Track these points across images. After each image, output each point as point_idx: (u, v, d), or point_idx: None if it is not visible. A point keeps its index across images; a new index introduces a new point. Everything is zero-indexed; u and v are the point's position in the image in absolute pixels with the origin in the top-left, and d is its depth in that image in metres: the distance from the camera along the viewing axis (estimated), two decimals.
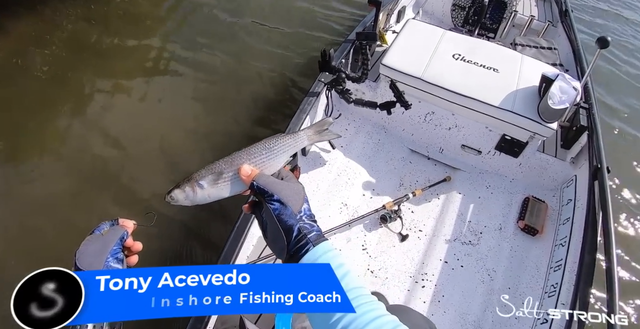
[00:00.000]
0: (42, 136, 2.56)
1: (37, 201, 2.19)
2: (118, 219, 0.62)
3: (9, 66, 3.00)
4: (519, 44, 2.61)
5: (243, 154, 0.58)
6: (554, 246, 1.83)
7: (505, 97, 1.87)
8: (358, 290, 0.50)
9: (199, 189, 0.57)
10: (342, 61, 2.03)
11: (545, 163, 2.01)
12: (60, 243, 1.97)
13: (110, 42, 3.32)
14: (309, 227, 0.54)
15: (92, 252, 0.55)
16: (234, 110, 2.80)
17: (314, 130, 0.65)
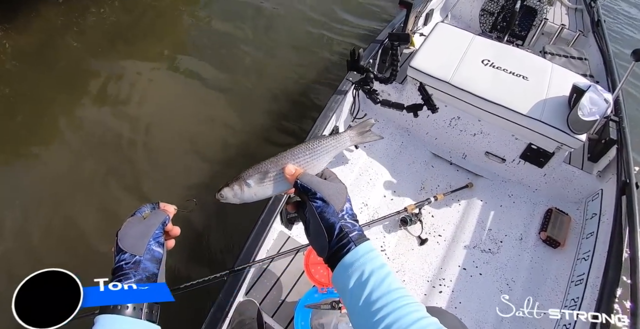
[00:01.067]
0: (67, 119, 2.68)
1: (62, 180, 2.30)
2: (159, 202, 0.65)
3: (41, 50, 3.14)
4: (549, 53, 2.62)
5: (288, 154, 0.62)
6: (576, 260, 1.84)
7: (534, 106, 1.89)
8: (401, 291, 0.51)
9: (247, 187, 0.61)
10: (369, 61, 2.07)
11: (570, 175, 2.02)
12: (82, 224, 2.06)
13: (141, 31, 3.44)
14: (350, 226, 0.56)
15: (135, 234, 0.57)
16: (259, 102, 2.88)
17: (356, 131, 0.67)
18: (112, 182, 2.32)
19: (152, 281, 0.56)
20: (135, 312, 0.52)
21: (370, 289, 0.50)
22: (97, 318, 0.51)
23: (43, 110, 2.73)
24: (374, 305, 0.50)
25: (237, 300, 1.36)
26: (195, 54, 3.25)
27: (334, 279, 0.56)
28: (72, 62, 3.08)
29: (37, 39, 3.22)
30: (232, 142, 2.56)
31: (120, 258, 0.55)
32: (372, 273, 0.51)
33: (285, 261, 1.55)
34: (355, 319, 0.52)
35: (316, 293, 1.37)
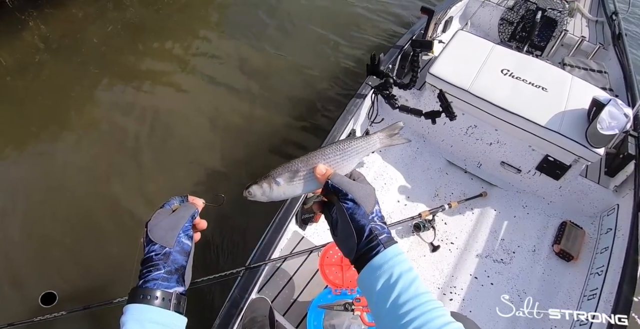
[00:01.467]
0: (83, 110, 2.77)
1: (76, 169, 2.39)
2: (187, 196, 0.66)
3: (66, 41, 3.25)
4: (568, 65, 2.63)
5: (318, 154, 0.62)
6: (589, 274, 1.84)
7: (552, 117, 1.90)
8: (428, 295, 0.51)
9: (276, 185, 0.61)
10: (389, 66, 2.10)
11: (586, 189, 2.02)
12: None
13: (160, 26, 3.54)
14: (380, 228, 0.56)
15: (165, 226, 0.59)
16: (278, 102, 2.93)
17: (385, 134, 0.67)
18: (126, 173, 2.39)
19: (180, 273, 0.58)
20: (164, 303, 0.54)
21: (398, 292, 0.51)
22: (127, 307, 0.53)
23: (60, 100, 2.81)
24: (401, 308, 0.50)
25: (250, 297, 1.38)
26: (213, 50, 3.33)
27: (360, 280, 0.56)
28: (92, 54, 3.17)
29: (61, 29, 3.34)
30: (249, 140, 2.63)
31: (150, 249, 0.57)
32: (400, 276, 0.52)
33: (299, 261, 1.57)
34: (381, 321, 0.53)
35: (330, 293, 1.39)
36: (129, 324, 0.51)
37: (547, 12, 2.82)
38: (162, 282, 0.56)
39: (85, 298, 1.36)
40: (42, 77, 2.98)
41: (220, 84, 3.02)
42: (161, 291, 0.55)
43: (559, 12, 2.85)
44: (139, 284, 0.56)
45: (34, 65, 3.05)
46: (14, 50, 3.15)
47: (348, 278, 1.41)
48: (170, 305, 0.55)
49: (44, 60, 3.10)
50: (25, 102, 2.79)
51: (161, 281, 0.56)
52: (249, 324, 1.38)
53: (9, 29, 3.26)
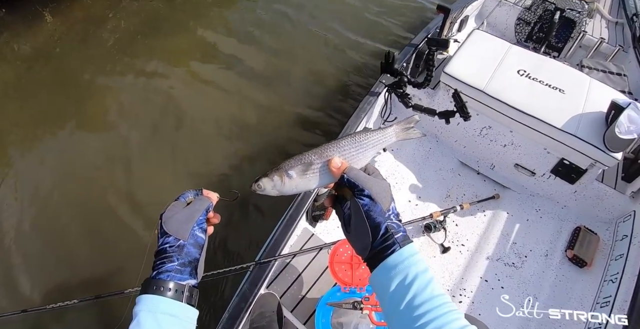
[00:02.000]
0: (101, 99, 2.85)
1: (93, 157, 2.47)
2: (202, 189, 0.66)
3: (82, 34, 3.33)
4: (586, 66, 2.60)
5: (333, 146, 0.59)
6: (602, 281, 1.82)
7: (569, 120, 1.88)
8: (444, 297, 0.51)
9: (288, 178, 0.58)
10: (403, 65, 2.10)
11: (602, 194, 2.00)
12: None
13: (178, 19, 3.60)
14: (396, 226, 0.54)
15: (180, 218, 0.60)
16: (290, 94, 2.98)
17: (401, 127, 0.65)
18: (137, 164, 2.45)
19: (193, 265, 0.58)
20: (176, 294, 0.55)
21: (414, 293, 0.50)
22: (140, 297, 0.54)
23: (73, 89, 2.89)
24: (416, 310, 0.49)
25: (259, 292, 1.40)
26: (229, 44, 3.38)
27: (372, 279, 0.55)
28: (106, 46, 3.25)
29: (76, 21, 3.42)
30: (262, 136, 2.67)
31: (164, 241, 0.58)
32: (416, 277, 0.51)
33: (308, 258, 1.59)
34: (394, 321, 0.52)
35: (339, 291, 1.40)
36: (141, 314, 0.52)
37: (565, 13, 2.79)
38: (175, 274, 0.56)
39: (97, 288, 1.40)
40: (56, 66, 3.06)
41: (236, 78, 3.07)
42: (174, 283, 0.55)
43: (577, 12, 2.82)
44: (152, 276, 0.56)
45: (49, 55, 3.14)
46: (30, 39, 3.25)
47: (357, 276, 1.41)
48: (183, 297, 0.55)
49: (58, 50, 3.18)
50: (40, 90, 2.88)
51: (174, 273, 0.56)
52: (257, 319, 1.40)
53: (25, 19, 3.35)
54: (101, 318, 1.68)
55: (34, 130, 2.61)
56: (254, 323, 1.39)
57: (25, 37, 3.24)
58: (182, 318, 0.55)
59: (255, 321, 1.39)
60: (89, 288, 1.75)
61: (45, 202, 2.21)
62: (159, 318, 0.53)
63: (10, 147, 2.52)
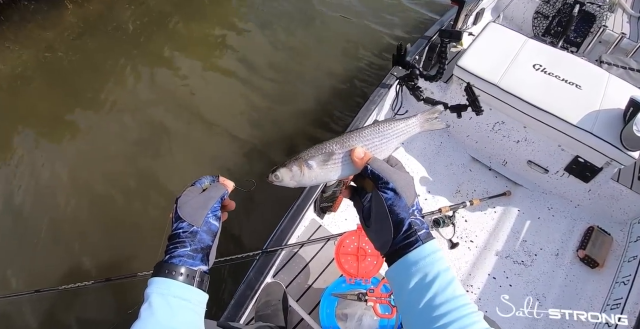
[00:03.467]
0: (120, 87, 2.98)
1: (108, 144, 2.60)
2: (219, 176, 0.68)
3: (102, 21, 3.49)
4: (606, 62, 2.58)
5: (355, 135, 0.58)
6: (614, 283, 1.83)
7: (585, 116, 1.88)
8: (464, 298, 0.50)
9: (307, 169, 0.57)
10: (415, 57, 2.12)
11: (617, 193, 2.00)
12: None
13: (199, 9, 3.71)
14: (419, 223, 0.53)
15: (194, 204, 0.61)
16: (303, 90, 3.04)
17: (425, 117, 0.64)
18: (154, 150, 2.57)
19: (205, 252, 0.60)
20: (187, 279, 0.57)
21: (434, 292, 0.50)
22: (151, 280, 0.57)
23: (94, 77, 3.04)
24: (436, 310, 0.49)
25: (265, 281, 1.44)
26: (245, 36, 3.46)
27: (390, 273, 0.55)
28: (126, 36, 3.38)
29: (98, 11, 3.57)
30: (276, 126, 2.74)
31: (178, 226, 0.60)
32: (437, 275, 0.50)
33: (315, 249, 1.63)
34: (411, 320, 0.52)
35: (344, 282, 1.44)
36: (153, 296, 0.54)
37: (585, 6, 2.77)
38: (187, 259, 0.58)
39: (110, 271, 1.46)
40: (76, 53, 3.22)
41: (251, 68, 3.15)
42: (186, 268, 0.57)
43: (598, 6, 2.79)
44: (164, 259, 0.58)
45: (70, 42, 3.30)
46: (52, 26, 3.41)
47: (363, 268, 1.45)
48: (194, 282, 0.57)
49: (79, 37, 3.35)
50: (62, 77, 3.04)
51: (186, 258, 0.58)
52: (263, 307, 1.45)
53: (49, 7, 3.52)
54: (114, 300, 1.75)
55: (55, 116, 2.76)
56: (259, 311, 1.44)
57: (48, 24, 3.42)
58: (193, 301, 0.57)
59: (261, 309, 1.44)
60: (102, 271, 1.82)
61: (61, 185, 2.34)
62: (170, 301, 0.54)
63: (30, 131, 2.67)
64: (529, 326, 1.67)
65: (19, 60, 3.14)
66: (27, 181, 2.35)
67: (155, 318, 0.53)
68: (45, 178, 2.37)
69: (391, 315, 1.34)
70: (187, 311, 0.56)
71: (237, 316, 1.30)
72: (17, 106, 2.84)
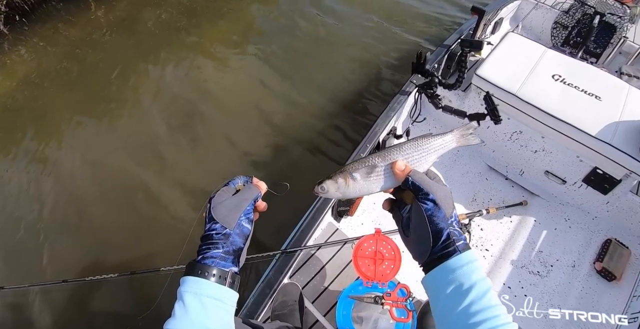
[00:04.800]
0: (141, 87, 3.16)
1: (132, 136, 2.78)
2: (252, 177, 0.71)
3: (125, 22, 3.71)
4: (626, 74, 2.61)
5: (395, 150, 0.62)
6: (631, 297, 1.83)
7: (604, 128, 1.90)
8: (500, 308, 0.52)
9: (352, 181, 0.61)
10: (434, 65, 2.17)
11: (636, 206, 2.01)
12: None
13: (218, 12, 3.91)
14: (457, 234, 0.56)
15: (228, 205, 0.64)
16: (324, 88, 3.15)
17: (460, 133, 0.69)
18: (171, 150, 2.68)
19: (237, 254, 0.63)
20: (220, 280, 0.60)
21: (471, 300, 0.52)
22: (184, 279, 0.60)
23: (115, 76, 3.21)
24: (472, 317, 0.51)
25: (283, 281, 1.50)
26: (264, 40, 3.60)
27: (427, 280, 0.57)
28: (147, 36, 3.57)
29: (121, 11, 3.79)
30: (292, 130, 2.84)
31: (211, 227, 0.62)
32: (474, 284, 0.52)
33: (331, 251, 1.67)
34: (447, 324, 0.54)
35: (361, 285, 1.48)
36: (186, 296, 0.57)
37: (605, 17, 2.80)
38: (219, 260, 0.60)
39: (134, 266, 1.53)
40: (99, 52, 3.43)
41: (270, 71, 3.28)
42: (218, 269, 0.60)
43: (618, 17, 2.82)
44: (197, 259, 0.61)
45: (93, 41, 3.52)
46: (77, 26, 3.66)
47: (380, 271, 1.49)
48: (226, 283, 0.60)
49: (102, 37, 3.56)
50: (85, 74, 3.25)
51: (219, 260, 0.60)
52: (280, 307, 1.50)
53: (75, 8, 3.78)
54: (136, 294, 1.83)
55: (77, 111, 2.94)
56: (275, 311, 1.49)
57: (73, 24, 3.66)
58: (225, 301, 0.60)
59: (278, 308, 1.49)
60: (126, 265, 1.91)
61: (87, 181, 2.49)
62: (204, 301, 0.57)
63: (54, 125, 2.84)
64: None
65: (50, 58, 3.34)
66: (53, 170, 2.52)
67: (189, 317, 0.55)
68: (72, 169, 2.53)
69: (407, 319, 1.37)
70: (219, 310, 0.59)
71: (255, 313, 1.35)
72: (55, 98, 3.03)
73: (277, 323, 1.36)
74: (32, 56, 3.41)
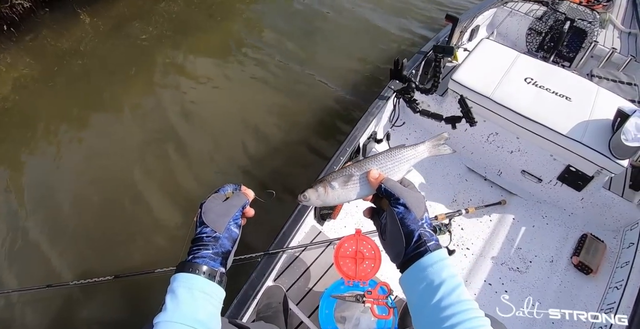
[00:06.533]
0: (128, 95, 3.20)
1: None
2: (241, 185, 0.77)
3: (114, 32, 3.79)
4: (596, 76, 2.72)
5: (371, 160, 0.68)
6: (607, 288, 1.90)
7: (575, 127, 1.98)
8: (470, 303, 0.55)
9: (331, 189, 0.66)
10: (412, 72, 2.26)
11: (609, 201, 2.09)
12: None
13: (203, 23, 4.02)
14: (429, 235, 0.60)
15: (218, 211, 0.69)
16: (305, 98, 3.24)
17: (432, 144, 0.74)
18: (161, 152, 2.74)
19: (225, 256, 0.67)
20: (209, 277, 0.64)
21: (441, 296, 0.55)
22: (175, 276, 0.64)
23: (104, 84, 3.26)
24: (443, 311, 0.54)
25: (266, 283, 1.53)
26: (253, 47, 3.70)
27: (403, 279, 0.61)
28: (136, 47, 3.63)
29: (110, 22, 3.89)
30: (279, 137, 2.91)
31: (202, 230, 0.67)
32: (444, 280, 0.56)
33: (315, 254, 1.71)
34: (421, 321, 0.58)
35: (342, 284, 1.52)
36: (179, 290, 0.60)
37: (576, 23, 2.92)
38: (209, 260, 0.65)
39: (123, 269, 1.54)
40: (87, 62, 3.50)
41: (258, 80, 3.37)
42: (208, 267, 0.64)
43: (588, 22, 2.95)
44: (188, 259, 0.65)
45: (82, 51, 3.59)
46: (66, 36, 3.72)
47: (361, 270, 1.53)
48: (215, 280, 0.64)
49: (90, 47, 3.63)
50: (72, 84, 3.28)
51: (208, 260, 0.65)
52: (264, 309, 1.52)
53: (64, 18, 3.87)
54: (128, 297, 1.83)
55: (61, 120, 2.97)
56: (260, 313, 1.51)
57: (62, 34, 3.75)
58: (213, 296, 0.63)
59: (262, 311, 1.52)
60: (115, 268, 1.91)
61: (75, 186, 2.52)
62: (195, 294, 0.61)
63: (41, 134, 2.87)
64: (525, 327, 1.73)
65: (35, 66, 3.39)
66: (40, 175, 2.54)
67: (180, 309, 0.59)
68: (57, 173, 2.55)
69: (388, 316, 1.41)
70: (209, 305, 0.62)
71: (239, 315, 1.38)
72: (37, 106, 3.08)
73: (261, 324, 1.39)
74: (20, 66, 3.46)
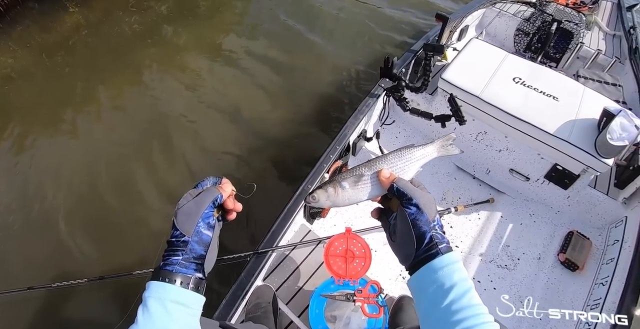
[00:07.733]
0: (116, 91, 3.14)
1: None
2: (222, 178, 0.69)
3: (102, 25, 3.72)
4: (582, 77, 2.76)
5: (381, 160, 0.66)
6: (593, 284, 1.93)
7: (562, 126, 2.01)
8: (480, 308, 0.53)
9: (341, 189, 0.64)
10: (402, 70, 2.26)
11: (595, 199, 2.12)
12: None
13: (195, 15, 3.96)
14: (440, 237, 0.58)
15: (186, 210, 0.62)
16: (297, 95, 3.22)
17: (441, 144, 0.73)
18: (150, 153, 2.68)
19: (198, 261, 0.62)
20: (182, 286, 0.59)
21: (452, 299, 0.53)
22: (149, 283, 0.59)
23: (91, 80, 3.19)
24: (454, 315, 0.52)
25: (255, 283, 1.50)
26: (241, 46, 3.65)
27: (412, 281, 0.59)
28: (124, 43, 3.56)
29: (98, 17, 3.81)
30: (267, 132, 2.88)
31: (173, 233, 0.62)
32: (455, 284, 0.54)
33: (304, 252, 1.69)
34: (430, 322, 0.56)
35: (332, 283, 1.50)
36: (150, 301, 0.57)
37: (563, 24, 2.97)
38: (180, 267, 0.60)
39: (107, 270, 1.50)
40: (74, 54, 3.41)
41: (246, 78, 3.33)
42: (180, 275, 0.59)
43: (575, 24, 3.00)
44: (160, 265, 0.61)
45: (69, 43, 3.50)
46: (53, 29, 3.63)
47: (351, 269, 1.52)
48: (189, 288, 0.59)
49: (78, 39, 3.55)
50: (60, 76, 3.20)
51: (179, 267, 0.60)
52: (253, 309, 1.50)
53: (52, 11, 3.78)
54: (110, 298, 1.79)
55: (48, 113, 2.91)
56: (249, 313, 1.49)
57: (49, 27, 3.64)
58: (190, 306, 0.59)
59: (251, 311, 1.49)
60: (99, 269, 1.87)
61: (61, 184, 2.45)
62: (167, 305, 0.57)
63: (20, 127, 2.80)
64: (514, 327, 1.75)
65: (21, 59, 3.30)
66: (22, 174, 2.47)
67: (153, 322, 0.55)
68: (38, 172, 2.48)
69: (379, 315, 1.40)
70: (183, 315, 0.58)
71: (227, 315, 1.35)
72: (17, 101, 3.00)
73: (250, 324, 1.36)
74: (4, 57, 3.35)
